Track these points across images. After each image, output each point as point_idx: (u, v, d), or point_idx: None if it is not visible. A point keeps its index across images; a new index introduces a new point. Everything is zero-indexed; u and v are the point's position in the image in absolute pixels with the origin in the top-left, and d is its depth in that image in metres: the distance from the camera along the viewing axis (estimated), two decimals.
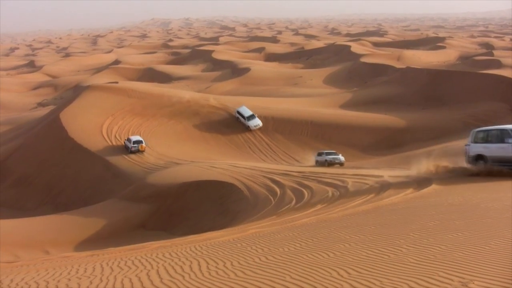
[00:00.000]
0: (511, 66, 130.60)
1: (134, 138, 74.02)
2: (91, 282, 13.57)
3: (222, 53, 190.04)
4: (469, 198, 23.79)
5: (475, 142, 36.29)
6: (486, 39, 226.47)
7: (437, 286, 10.35)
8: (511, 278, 10.32)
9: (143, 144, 73.38)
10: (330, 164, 63.47)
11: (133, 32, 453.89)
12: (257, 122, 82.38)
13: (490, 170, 33.87)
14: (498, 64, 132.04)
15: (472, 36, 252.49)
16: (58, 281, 14.18)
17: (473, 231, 15.55)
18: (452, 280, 10.53)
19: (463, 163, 36.71)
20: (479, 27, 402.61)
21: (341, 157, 65.38)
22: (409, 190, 31.28)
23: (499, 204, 20.89)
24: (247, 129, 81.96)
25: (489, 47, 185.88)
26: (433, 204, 23.49)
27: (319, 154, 67.02)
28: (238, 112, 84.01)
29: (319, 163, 65.21)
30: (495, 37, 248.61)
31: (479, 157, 35.50)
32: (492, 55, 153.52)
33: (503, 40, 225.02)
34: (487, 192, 25.73)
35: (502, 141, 33.68)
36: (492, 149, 34.44)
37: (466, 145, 37.46)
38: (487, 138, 35.37)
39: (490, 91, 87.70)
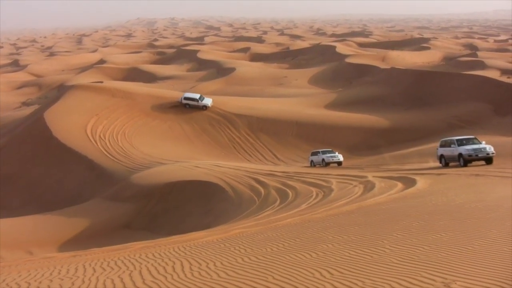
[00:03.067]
0: (495, 67, 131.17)
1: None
2: (73, 283, 13.51)
3: (207, 53, 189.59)
4: (453, 199, 23.88)
5: None
6: (470, 40, 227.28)
7: (419, 286, 10.36)
8: (494, 278, 10.34)
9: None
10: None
11: (118, 32, 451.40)
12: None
13: None
14: (482, 65, 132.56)
15: (456, 37, 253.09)
16: (40, 282, 14.12)
17: (457, 232, 15.60)
18: (434, 280, 10.54)
19: None
20: (463, 28, 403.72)
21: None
22: (393, 191, 31.38)
23: (483, 205, 20.99)
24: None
25: (473, 48, 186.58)
26: (417, 205, 23.57)
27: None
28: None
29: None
30: (479, 38, 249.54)
31: None
32: (476, 56, 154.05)
33: (487, 41, 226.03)
34: (471, 193, 25.84)
35: None
36: None
37: None
38: None
39: (474, 92, 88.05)
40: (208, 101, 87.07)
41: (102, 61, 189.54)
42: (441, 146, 48.05)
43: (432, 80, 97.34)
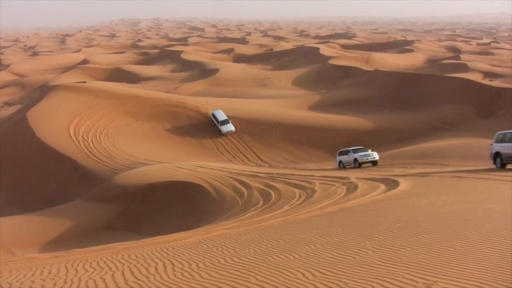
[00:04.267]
0: (477, 70, 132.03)
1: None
2: (55, 284, 13.46)
3: (191, 53, 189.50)
4: (435, 200, 23.99)
5: None
6: (453, 43, 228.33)
7: (401, 287, 10.41)
8: (474, 279, 10.41)
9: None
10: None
11: (101, 32, 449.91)
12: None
13: None
14: (465, 68, 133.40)
15: (440, 40, 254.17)
16: (22, 283, 14.05)
17: (438, 233, 15.68)
18: (416, 281, 10.59)
19: None
20: (447, 31, 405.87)
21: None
22: (376, 192, 31.46)
23: (464, 206, 21.10)
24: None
25: (456, 51, 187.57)
26: (399, 206, 23.64)
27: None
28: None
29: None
30: (462, 41, 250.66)
31: None
32: (459, 58, 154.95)
33: (470, 44, 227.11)
34: (452, 195, 25.98)
35: None
36: None
37: None
38: None
39: (457, 95, 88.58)
40: (226, 127, 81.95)
41: (85, 61, 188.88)
42: (497, 141, 39.25)
43: (416, 83, 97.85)
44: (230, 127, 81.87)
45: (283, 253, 14.78)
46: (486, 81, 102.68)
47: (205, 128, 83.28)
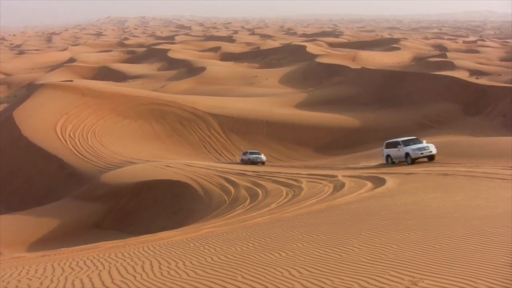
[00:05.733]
0: (463, 67, 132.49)
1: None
2: (41, 283, 13.42)
3: (178, 52, 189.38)
4: (422, 198, 24.04)
5: None
6: (439, 41, 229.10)
7: (387, 285, 10.43)
8: (460, 276, 10.45)
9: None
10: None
11: (88, 30, 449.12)
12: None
13: None
14: (451, 66, 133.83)
15: (426, 38, 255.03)
16: (8, 282, 14.00)
17: (425, 231, 15.72)
18: (402, 279, 10.63)
19: None
20: (433, 29, 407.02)
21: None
22: (363, 190, 31.48)
23: (451, 204, 21.16)
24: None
25: (443, 49, 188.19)
26: (386, 204, 23.68)
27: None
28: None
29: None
30: (449, 39, 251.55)
31: None
32: (446, 56, 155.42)
33: (456, 42, 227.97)
34: (439, 192, 26.02)
35: None
36: None
37: None
38: None
39: (443, 92, 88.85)
40: (257, 156, 68.83)
41: (72, 60, 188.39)
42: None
43: (402, 80, 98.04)
44: (260, 156, 69.27)
45: (269, 251, 14.79)
46: (472, 79, 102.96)
47: (192, 126, 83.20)
